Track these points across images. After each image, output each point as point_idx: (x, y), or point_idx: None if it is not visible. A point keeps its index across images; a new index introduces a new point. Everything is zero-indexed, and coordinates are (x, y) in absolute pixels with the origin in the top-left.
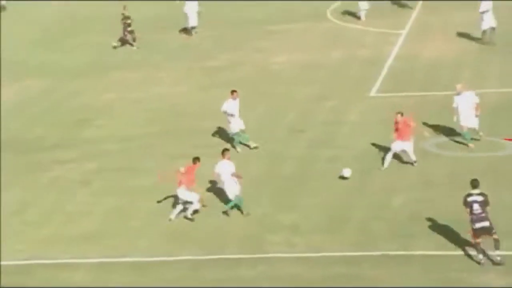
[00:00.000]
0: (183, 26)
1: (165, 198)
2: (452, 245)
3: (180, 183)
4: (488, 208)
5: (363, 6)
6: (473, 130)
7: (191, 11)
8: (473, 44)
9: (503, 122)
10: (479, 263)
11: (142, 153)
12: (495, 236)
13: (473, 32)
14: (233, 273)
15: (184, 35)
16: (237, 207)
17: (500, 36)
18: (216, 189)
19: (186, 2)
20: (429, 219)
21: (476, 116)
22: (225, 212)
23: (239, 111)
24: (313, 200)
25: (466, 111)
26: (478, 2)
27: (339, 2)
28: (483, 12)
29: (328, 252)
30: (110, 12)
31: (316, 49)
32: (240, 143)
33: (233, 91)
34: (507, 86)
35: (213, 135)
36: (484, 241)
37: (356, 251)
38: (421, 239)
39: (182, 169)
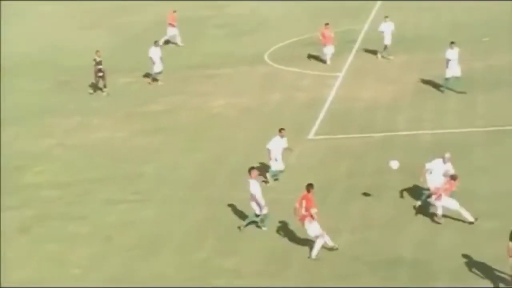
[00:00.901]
0: (147, 72)
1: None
2: (393, 284)
3: (303, 218)
4: None
5: (328, 50)
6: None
7: (156, 55)
8: (409, 86)
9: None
10: None
11: (81, 199)
12: None
13: (408, 75)
14: None
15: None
16: (256, 224)
17: (434, 78)
18: (153, 235)
19: (152, 47)
20: (371, 260)
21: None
22: (239, 227)
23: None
24: (254, 243)
25: (438, 177)
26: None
27: (276, 46)
28: (448, 60)
29: None
30: (42, 58)
31: (255, 92)
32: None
33: (281, 129)
34: (441, 128)
35: (154, 180)
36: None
37: None
38: (363, 280)
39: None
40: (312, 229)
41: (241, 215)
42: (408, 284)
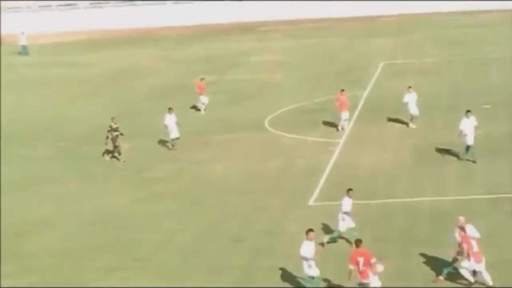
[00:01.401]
0: (161, 138)
1: None
2: None
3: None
4: None
5: (344, 115)
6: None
7: (172, 122)
8: (409, 153)
9: (440, 229)
10: None
11: (80, 267)
12: None
13: (407, 142)
14: None
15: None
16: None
17: (434, 145)
18: None
19: (166, 114)
20: None
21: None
22: None
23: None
24: None
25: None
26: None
27: (276, 112)
28: (462, 130)
29: None
30: (41, 125)
31: (254, 159)
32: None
33: (348, 190)
34: (441, 195)
35: (153, 247)
36: None
37: None
38: None
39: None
40: (376, 280)
41: (241, 282)
42: None
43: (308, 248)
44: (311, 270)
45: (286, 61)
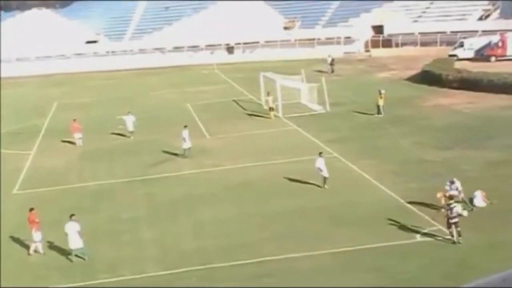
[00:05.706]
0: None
1: None
2: None
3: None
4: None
5: (77, 136)
6: None
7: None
8: (76, 156)
9: (102, 201)
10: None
11: None
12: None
13: (75, 150)
14: None
15: None
16: None
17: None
18: None
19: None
20: None
21: None
22: None
23: None
24: None
25: None
26: None
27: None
28: (184, 138)
29: None
30: None
31: None
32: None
33: (320, 153)
34: (98, 180)
35: None
36: None
37: None
38: None
39: None
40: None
41: None
42: None
43: (72, 227)
44: (76, 243)
45: None
